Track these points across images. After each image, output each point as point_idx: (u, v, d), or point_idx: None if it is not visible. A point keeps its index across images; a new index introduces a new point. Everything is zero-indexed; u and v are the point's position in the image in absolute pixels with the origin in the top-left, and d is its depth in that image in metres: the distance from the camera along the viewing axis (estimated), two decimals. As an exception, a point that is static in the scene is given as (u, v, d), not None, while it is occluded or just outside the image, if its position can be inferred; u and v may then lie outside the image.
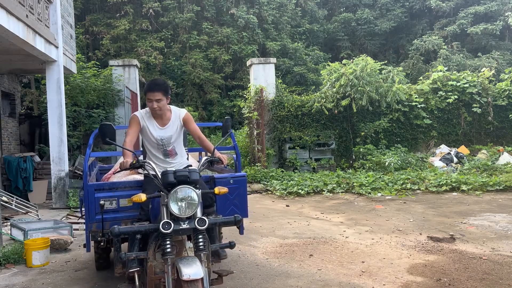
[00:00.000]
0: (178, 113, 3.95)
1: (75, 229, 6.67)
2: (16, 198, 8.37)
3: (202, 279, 2.85)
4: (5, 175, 10.11)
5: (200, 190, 3.18)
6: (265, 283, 4.33)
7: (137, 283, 3.29)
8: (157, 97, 3.71)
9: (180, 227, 2.98)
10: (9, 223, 6.76)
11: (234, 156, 4.69)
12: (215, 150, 3.73)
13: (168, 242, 2.99)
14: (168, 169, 3.34)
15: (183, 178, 3.11)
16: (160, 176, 3.20)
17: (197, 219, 3.03)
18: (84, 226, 6.99)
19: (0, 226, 5.76)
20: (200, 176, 3.33)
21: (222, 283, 3.42)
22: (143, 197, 3.12)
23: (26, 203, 8.37)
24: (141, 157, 3.77)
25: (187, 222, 3.03)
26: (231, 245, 3.26)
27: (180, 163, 3.92)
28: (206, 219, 3.04)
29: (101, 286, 4.43)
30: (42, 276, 4.81)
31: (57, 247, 5.69)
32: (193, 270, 2.84)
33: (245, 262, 4.99)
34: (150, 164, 3.44)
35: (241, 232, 4.37)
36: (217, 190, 3.31)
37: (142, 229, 3.12)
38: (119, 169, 3.67)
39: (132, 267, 3.29)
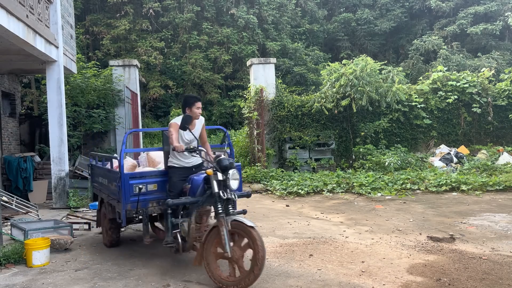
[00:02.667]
0: (200, 120, 5.16)
1: (75, 229, 6.68)
2: (17, 198, 8.38)
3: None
4: (5, 175, 10.12)
5: None
6: (265, 283, 4.33)
7: (180, 240, 4.61)
8: (201, 105, 5.06)
9: (230, 197, 4.30)
10: (9, 223, 6.77)
11: (228, 151, 5.81)
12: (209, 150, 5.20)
13: (219, 206, 4.24)
14: (186, 161, 4.96)
15: (230, 164, 4.39)
16: (210, 160, 4.63)
17: (233, 191, 4.37)
18: (84, 226, 7.06)
19: (0, 226, 5.77)
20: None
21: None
22: (209, 171, 4.38)
23: (26, 203, 8.38)
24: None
25: (229, 193, 4.31)
26: (244, 212, 4.67)
27: (196, 158, 5.05)
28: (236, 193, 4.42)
29: (101, 286, 4.44)
30: (42, 276, 4.82)
31: (57, 247, 5.69)
32: (250, 222, 4.09)
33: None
34: (203, 150, 4.81)
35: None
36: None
37: (194, 200, 4.52)
38: (173, 150, 4.82)
39: (175, 230, 4.67)
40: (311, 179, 10.65)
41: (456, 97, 13.20)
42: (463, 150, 12.71)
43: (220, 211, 4.21)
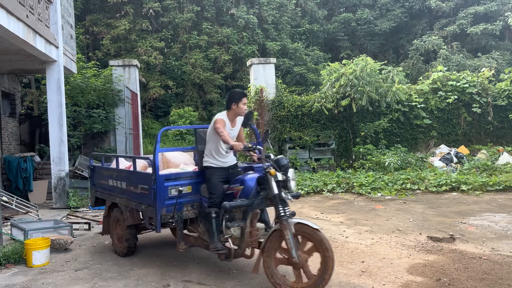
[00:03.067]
0: (241, 118, 4.81)
1: (75, 229, 6.68)
2: (17, 198, 8.38)
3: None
4: (5, 175, 10.12)
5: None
6: (265, 283, 4.32)
7: (232, 245, 4.34)
8: (246, 101, 4.78)
9: (288, 198, 4.09)
10: (9, 223, 6.77)
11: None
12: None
13: (281, 208, 4.01)
14: (223, 160, 4.68)
15: (288, 163, 4.23)
16: (266, 158, 4.29)
17: (291, 192, 4.15)
18: (84, 226, 7.05)
19: (0, 226, 5.77)
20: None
21: None
22: (272, 171, 4.08)
23: (26, 203, 8.38)
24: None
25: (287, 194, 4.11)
26: (293, 214, 4.15)
27: (232, 157, 4.88)
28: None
29: (101, 286, 4.44)
30: (42, 276, 4.82)
31: (57, 247, 5.69)
32: (314, 224, 3.93)
33: (245, 262, 4.98)
34: (260, 148, 4.52)
35: None
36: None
37: (249, 203, 4.25)
38: (230, 148, 4.42)
39: (225, 237, 4.35)
40: (311, 179, 10.65)
41: (456, 97, 13.20)
42: (463, 150, 12.71)
43: (282, 214, 3.99)
